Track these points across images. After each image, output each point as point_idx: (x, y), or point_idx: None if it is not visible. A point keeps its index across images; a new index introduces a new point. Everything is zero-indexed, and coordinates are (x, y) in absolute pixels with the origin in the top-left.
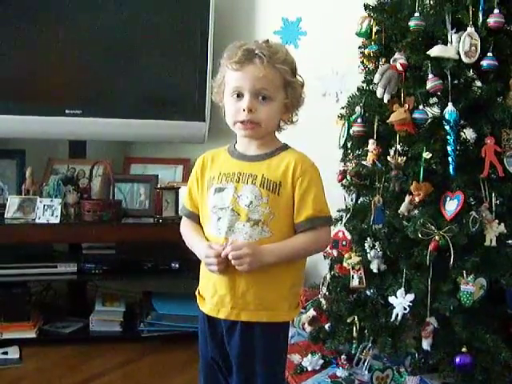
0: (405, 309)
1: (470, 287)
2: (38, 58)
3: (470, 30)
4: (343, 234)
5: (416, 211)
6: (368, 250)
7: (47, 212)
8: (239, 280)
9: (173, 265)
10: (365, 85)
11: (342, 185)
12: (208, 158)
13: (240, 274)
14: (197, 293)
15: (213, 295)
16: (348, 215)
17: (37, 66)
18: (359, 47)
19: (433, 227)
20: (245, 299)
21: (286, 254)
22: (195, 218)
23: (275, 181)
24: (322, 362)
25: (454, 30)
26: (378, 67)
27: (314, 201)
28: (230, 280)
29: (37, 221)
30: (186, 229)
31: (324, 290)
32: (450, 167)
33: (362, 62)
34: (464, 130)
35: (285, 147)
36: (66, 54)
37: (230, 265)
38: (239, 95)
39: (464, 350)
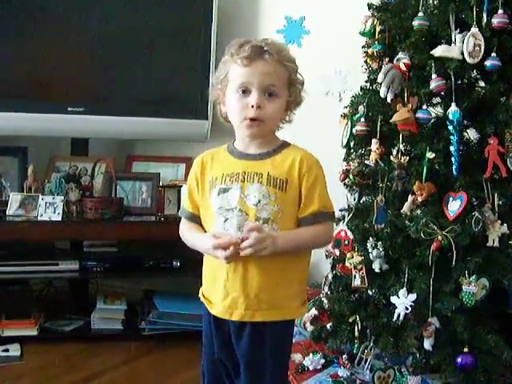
0: (407, 309)
1: (473, 287)
2: (40, 56)
3: (474, 30)
4: (345, 233)
5: (419, 211)
6: (370, 250)
7: (49, 209)
8: (251, 280)
9: (174, 263)
10: (368, 84)
11: (345, 184)
12: (207, 158)
13: (250, 272)
14: (201, 295)
15: (224, 298)
16: (350, 215)
17: (39, 64)
18: (363, 47)
19: (435, 227)
20: (258, 299)
21: (297, 243)
22: (197, 219)
23: (281, 178)
24: (323, 361)
25: (457, 30)
26: (382, 67)
27: (319, 196)
28: (242, 281)
29: (38, 218)
30: (187, 230)
31: (326, 289)
32: (453, 167)
33: (366, 62)
34: (467, 130)
35: (286, 144)
36: (68, 52)
37: (238, 255)
38: (245, 91)
39: (466, 350)
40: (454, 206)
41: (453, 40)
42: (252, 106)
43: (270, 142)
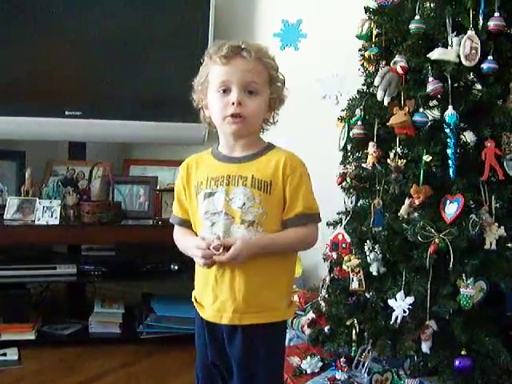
0: (404, 312)
1: (470, 290)
2: (37, 59)
3: (471, 33)
4: (343, 236)
5: (416, 214)
6: (368, 253)
7: (46, 213)
8: (238, 284)
9: (172, 267)
10: (365, 87)
11: (342, 187)
12: (192, 163)
13: (237, 276)
14: (193, 299)
15: (213, 301)
16: (348, 218)
17: (37, 67)
18: (359, 50)
19: (432, 230)
20: (246, 302)
21: (280, 244)
22: (188, 225)
23: (266, 180)
24: (321, 364)
25: (454, 33)
26: (379, 70)
27: (304, 198)
28: (230, 285)
29: (36, 222)
30: (181, 236)
31: (323, 292)
32: (450, 170)
33: (363, 65)
34: (464, 133)
35: (271, 146)
36: (65, 55)
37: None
38: (225, 90)
39: (463, 353)
40: (451, 209)
41: (449, 43)
42: (233, 104)
43: (254, 144)
